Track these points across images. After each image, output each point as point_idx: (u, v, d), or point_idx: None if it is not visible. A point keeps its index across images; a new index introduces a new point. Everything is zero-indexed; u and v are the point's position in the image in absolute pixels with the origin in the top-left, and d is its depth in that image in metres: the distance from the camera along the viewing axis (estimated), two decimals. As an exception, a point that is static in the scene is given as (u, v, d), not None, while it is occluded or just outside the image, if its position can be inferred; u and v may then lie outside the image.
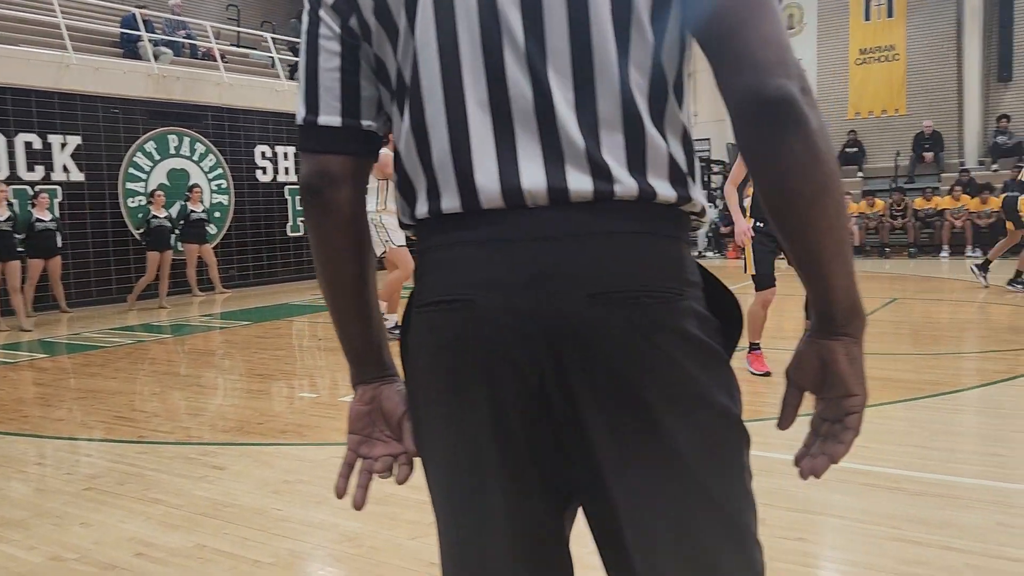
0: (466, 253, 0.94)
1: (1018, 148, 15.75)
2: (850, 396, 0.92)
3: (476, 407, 0.94)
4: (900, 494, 3.13)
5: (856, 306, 0.93)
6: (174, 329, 9.05)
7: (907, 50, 17.35)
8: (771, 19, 0.87)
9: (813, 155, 0.85)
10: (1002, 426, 4.10)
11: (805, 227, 0.88)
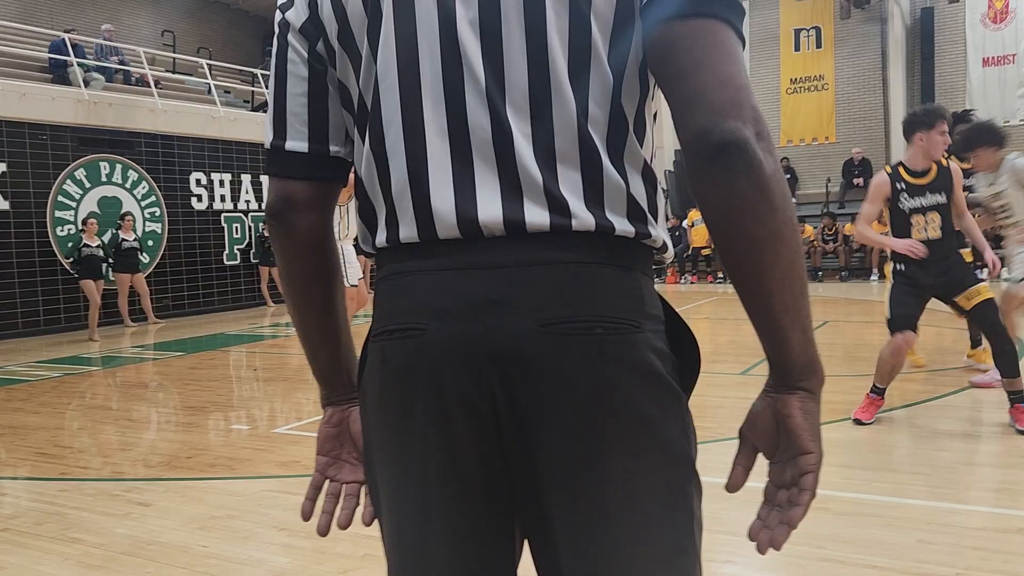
0: (421, 282, 0.93)
1: (941, 174, 16.38)
2: (804, 454, 0.89)
3: (426, 442, 0.93)
4: (826, 514, 3.19)
5: (813, 360, 0.90)
6: (104, 361, 8.78)
7: (835, 80, 17.98)
8: (729, 61, 0.86)
9: (767, 200, 0.83)
10: (925, 445, 4.22)
11: (758, 275, 0.86)
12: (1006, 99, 16.39)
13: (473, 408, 0.90)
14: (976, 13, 16.47)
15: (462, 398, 0.90)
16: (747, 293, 0.88)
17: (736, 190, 0.83)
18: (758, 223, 0.84)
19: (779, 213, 0.84)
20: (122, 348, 9.75)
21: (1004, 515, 3.11)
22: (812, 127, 18.37)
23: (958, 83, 16.82)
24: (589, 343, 0.88)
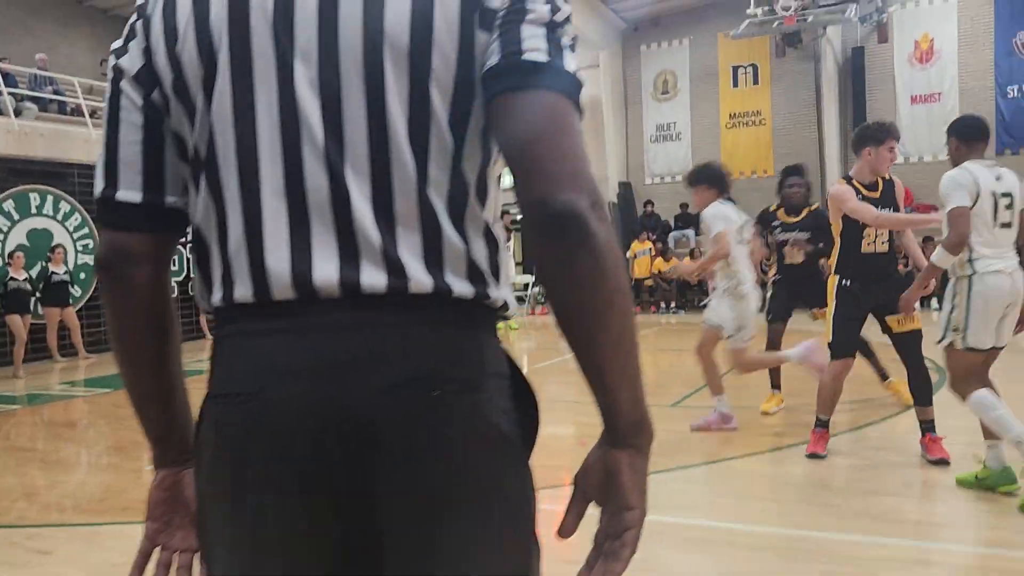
0: (255, 344, 0.92)
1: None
2: (629, 509, 0.91)
3: (261, 512, 0.90)
4: (733, 548, 3.23)
5: (642, 420, 0.93)
6: (29, 399, 8.50)
7: (772, 115, 18.48)
8: (566, 133, 0.88)
9: (600, 270, 0.86)
10: (837, 476, 4.30)
11: (590, 341, 0.89)
12: (934, 135, 16.98)
13: (310, 476, 0.88)
14: (904, 53, 17.12)
15: (298, 466, 0.88)
16: (580, 356, 0.90)
17: (571, 260, 0.86)
18: (591, 292, 0.87)
19: (611, 282, 0.87)
20: (49, 385, 9.45)
21: (907, 547, 3.17)
22: (751, 161, 18.80)
23: (888, 119, 17.38)
24: (429, 405, 0.88)
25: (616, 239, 0.89)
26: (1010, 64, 16.33)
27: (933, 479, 4.10)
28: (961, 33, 16.71)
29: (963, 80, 16.72)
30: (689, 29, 19.18)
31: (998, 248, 3.72)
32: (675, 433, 5.31)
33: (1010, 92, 16.39)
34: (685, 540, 3.32)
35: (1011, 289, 3.70)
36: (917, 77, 17.08)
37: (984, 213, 3.69)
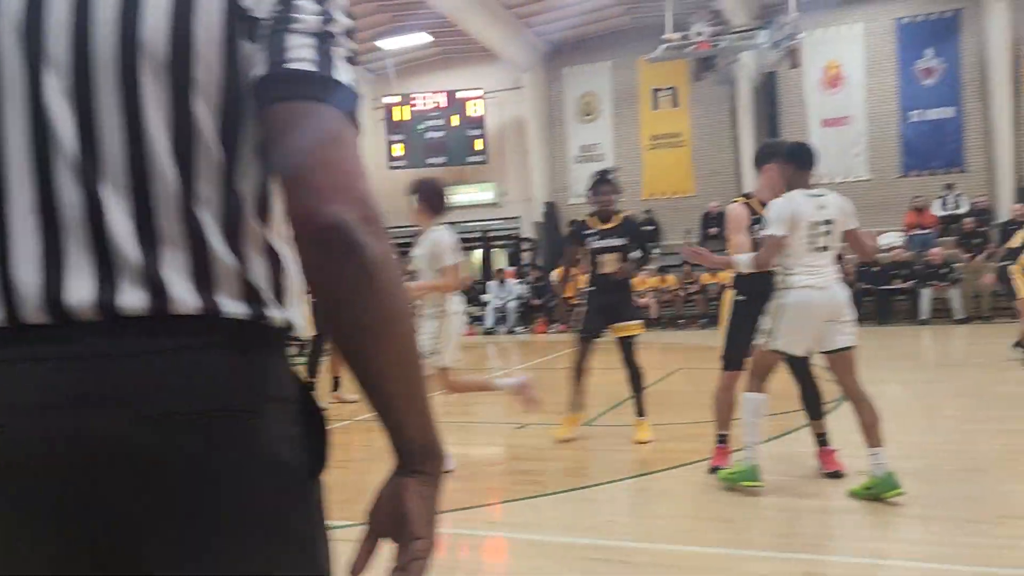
0: (1, 372, 0.84)
1: (789, 226, 17.41)
2: (415, 539, 0.88)
3: (4, 562, 0.83)
4: (628, 567, 3.23)
5: (431, 445, 0.91)
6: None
7: (691, 137, 18.93)
8: (337, 144, 0.86)
9: (372, 285, 0.83)
10: (738, 492, 4.35)
11: (368, 361, 0.86)
12: (844, 158, 17.65)
13: (64, 520, 0.82)
14: (813, 78, 17.77)
15: (50, 509, 0.82)
16: (360, 378, 0.87)
17: (340, 275, 0.83)
18: (364, 309, 0.84)
19: (386, 298, 0.85)
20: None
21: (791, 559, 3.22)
22: (672, 182, 19.20)
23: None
24: (196, 434, 0.83)
25: (392, 255, 0.86)
26: (912, 90, 17.11)
27: (828, 492, 4.18)
28: (867, 60, 17.45)
29: (870, 104, 17.44)
30: (610, 52, 19.56)
31: (813, 268, 4.05)
32: (583, 452, 5.32)
33: (912, 116, 17.15)
34: (579, 559, 3.30)
35: (827, 301, 4.04)
36: (827, 101, 17.74)
37: (801, 240, 4.02)
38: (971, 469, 4.49)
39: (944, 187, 16.43)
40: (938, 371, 9.13)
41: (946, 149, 16.94)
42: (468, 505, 4.20)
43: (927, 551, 3.26)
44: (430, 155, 20.08)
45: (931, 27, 16.96)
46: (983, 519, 3.59)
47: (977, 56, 16.64)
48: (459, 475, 5.01)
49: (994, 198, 16.33)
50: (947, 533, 3.43)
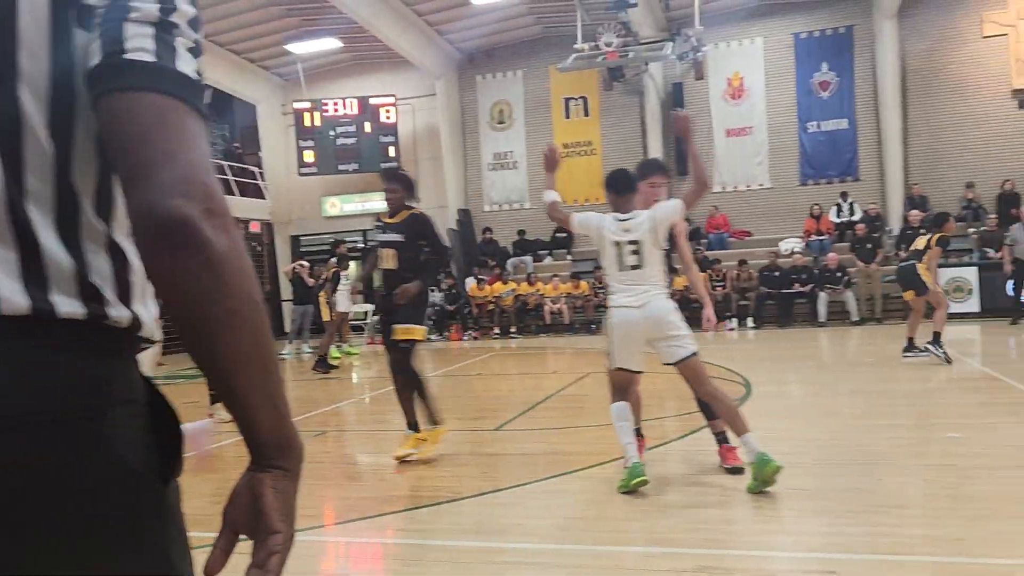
0: None
1: (696, 233, 17.93)
2: (273, 533, 0.87)
3: None
4: (537, 568, 3.27)
5: (287, 439, 0.89)
6: None
7: (602, 145, 19.29)
8: (178, 136, 0.83)
9: (218, 280, 0.82)
10: (645, 491, 4.47)
11: (217, 355, 0.84)
12: (747, 167, 18.31)
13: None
14: (718, 89, 18.37)
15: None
16: (211, 374, 0.85)
17: (183, 270, 0.81)
18: (211, 303, 0.82)
19: (234, 291, 0.83)
20: None
21: (689, 555, 3.33)
22: (584, 189, 19.47)
23: (707, 151, 18.56)
24: (23, 440, 0.78)
25: (242, 248, 0.84)
26: (809, 102, 17.89)
27: (728, 488, 4.34)
28: (767, 73, 18.15)
29: (771, 116, 18.14)
30: (522, 61, 19.76)
31: (627, 286, 4.30)
32: (494, 457, 5.36)
33: (810, 127, 17.93)
34: (489, 564, 3.33)
35: (640, 319, 4.26)
36: (731, 112, 18.37)
37: (611, 260, 4.32)
38: (861, 462, 4.73)
39: (839, 195, 17.23)
40: (834, 371, 9.56)
41: (841, 159, 17.77)
42: (378, 512, 4.18)
43: (818, 542, 3.42)
44: (342, 161, 19.85)
45: (826, 42, 17.77)
46: (870, 509, 3.78)
47: (869, 71, 17.53)
48: (369, 483, 4.98)
49: (885, 206, 17.21)
50: (837, 524, 3.60)
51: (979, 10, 16.88)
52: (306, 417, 7.61)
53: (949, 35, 17.08)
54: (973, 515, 3.59)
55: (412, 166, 20.33)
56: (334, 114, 19.70)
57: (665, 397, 8.07)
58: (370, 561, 3.61)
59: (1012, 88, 16.71)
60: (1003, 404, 6.36)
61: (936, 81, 17.15)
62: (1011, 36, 16.67)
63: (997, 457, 4.62)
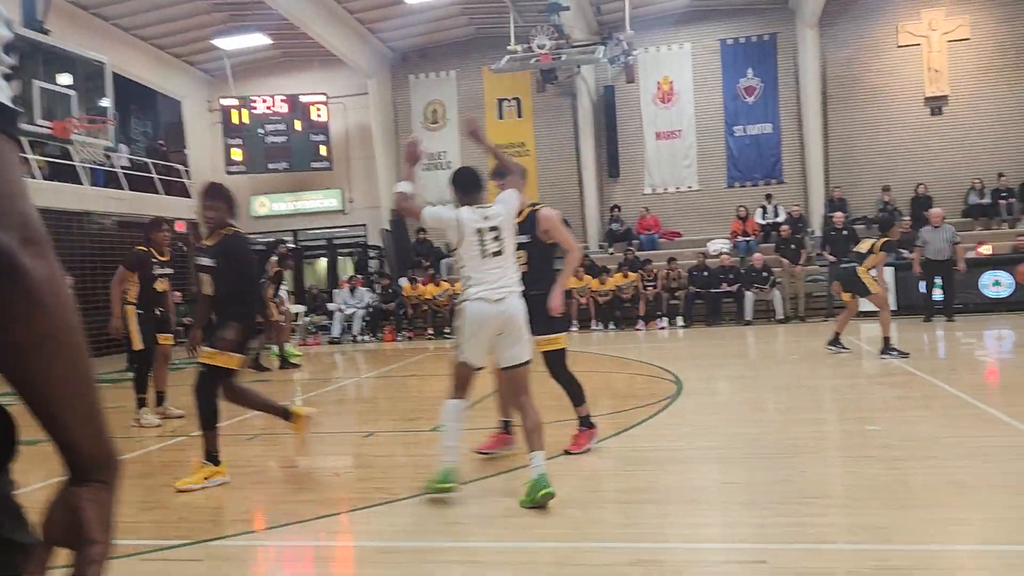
0: None
1: (628, 234, 18.22)
2: (91, 544, 0.88)
3: None
4: (475, 566, 3.30)
5: (106, 455, 0.91)
6: None
7: (536, 147, 19.41)
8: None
9: (37, 306, 0.82)
10: (580, 487, 4.54)
11: (35, 379, 0.85)
12: (676, 169, 18.68)
13: None
14: (648, 93, 18.70)
15: None
16: (28, 397, 0.86)
17: (3, 301, 0.82)
18: (28, 329, 0.83)
19: (52, 317, 0.84)
20: None
21: (626, 549, 3.40)
22: (517, 190, 19.59)
23: (638, 154, 18.90)
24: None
25: (59, 275, 0.86)
26: (736, 107, 18.36)
27: (662, 483, 4.44)
28: (695, 77, 18.56)
29: (699, 119, 18.55)
30: (455, 61, 19.76)
31: (488, 276, 4.23)
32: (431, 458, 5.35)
33: (736, 131, 18.41)
34: (426, 563, 3.34)
35: (495, 315, 4.20)
36: (660, 115, 18.71)
37: (473, 249, 4.24)
38: (787, 455, 4.90)
39: (764, 197, 17.74)
40: (760, 367, 9.84)
41: (766, 162, 18.30)
42: (316, 516, 4.14)
43: (748, 532, 3.53)
44: (272, 160, 19.50)
45: (751, 49, 18.28)
46: (796, 500, 3.93)
47: (792, 77, 18.09)
48: (306, 487, 4.92)
49: (807, 207, 17.79)
50: (765, 515, 3.73)
51: (895, 21, 17.61)
52: (239, 421, 7.46)
53: (867, 44, 17.77)
54: (893, 504, 3.76)
55: (344, 165, 20.13)
56: (263, 112, 19.34)
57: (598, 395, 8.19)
58: (307, 565, 3.58)
59: (925, 96, 17.48)
60: (918, 398, 6.66)
61: (855, 88, 17.82)
62: (924, 46, 17.44)
63: (913, 448, 4.85)
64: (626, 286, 15.97)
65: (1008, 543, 3.21)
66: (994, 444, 4.83)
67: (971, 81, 17.30)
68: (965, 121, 17.34)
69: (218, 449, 4.89)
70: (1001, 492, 3.89)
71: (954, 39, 17.29)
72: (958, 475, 4.21)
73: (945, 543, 3.31)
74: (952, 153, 17.38)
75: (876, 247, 9.15)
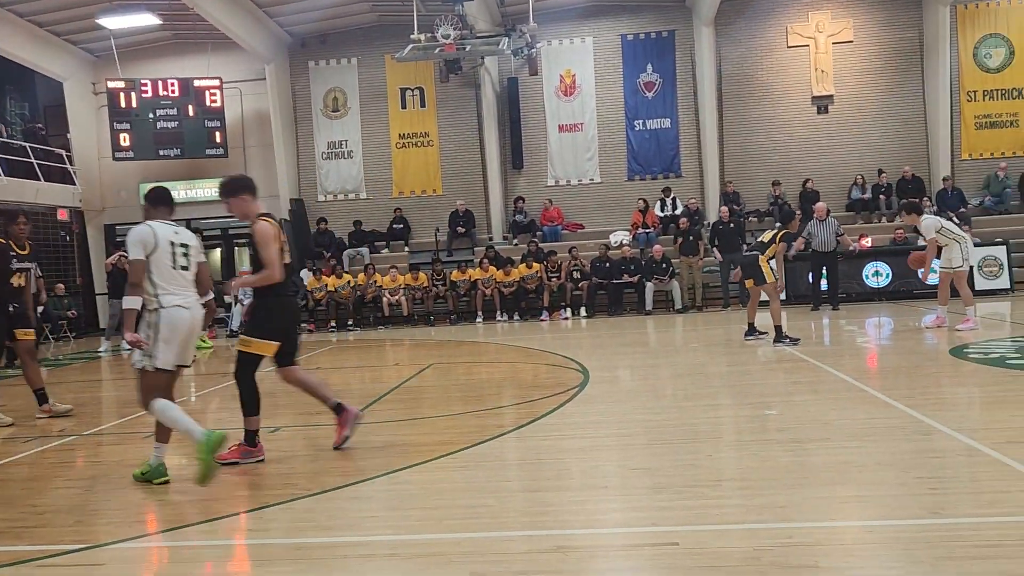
0: None
1: (531, 225, 18.37)
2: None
3: None
4: (395, 560, 3.27)
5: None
6: None
7: (439, 137, 19.32)
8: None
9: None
10: (494, 477, 4.57)
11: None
12: (578, 162, 18.96)
13: None
14: (551, 85, 18.88)
15: None
16: None
17: None
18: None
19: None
20: None
21: (544, 536, 3.45)
22: (421, 180, 19.47)
23: (540, 146, 19.07)
24: None
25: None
26: (636, 101, 18.77)
27: (569, 473, 4.51)
28: (597, 71, 18.86)
29: (600, 113, 18.87)
30: (357, 48, 19.42)
31: (178, 286, 4.70)
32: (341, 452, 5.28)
33: (637, 125, 18.83)
34: (344, 558, 3.29)
35: (189, 320, 4.71)
36: (563, 108, 18.94)
37: (165, 260, 4.64)
38: (691, 440, 5.06)
39: (663, 191, 18.22)
40: (662, 356, 10.13)
41: (665, 156, 18.80)
42: (224, 514, 4.02)
43: (660, 515, 3.64)
44: (163, 146, 18.70)
45: (651, 45, 18.71)
46: (703, 483, 4.07)
47: (689, 74, 18.63)
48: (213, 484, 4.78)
49: (704, 201, 18.38)
50: (675, 498, 3.84)
51: (785, 22, 18.37)
52: (132, 419, 7.15)
53: (759, 44, 18.47)
54: (793, 484, 3.94)
55: (240, 153, 19.48)
56: (153, 95, 18.50)
57: (506, 385, 8.25)
58: (219, 564, 3.46)
59: (812, 95, 18.33)
60: (809, 383, 7.00)
61: (748, 86, 18.50)
62: (812, 47, 18.28)
63: (808, 431, 5.09)
64: (530, 277, 16.11)
65: (900, 518, 3.42)
66: (880, 425, 5.13)
67: (854, 82, 18.24)
68: (849, 120, 18.29)
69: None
70: (889, 470, 4.13)
71: (839, 41, 18.19)
72: (850, 455, 4.45)
73: (843, 520, 3.50)
74: (837, 150, 18.30)
75: (777, 237, 9.65)
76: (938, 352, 8.52)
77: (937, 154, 17.76)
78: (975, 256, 13.11)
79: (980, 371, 7.10)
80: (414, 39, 15.83)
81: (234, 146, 19.28)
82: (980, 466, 4.13)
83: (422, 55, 16.25)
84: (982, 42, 17.92)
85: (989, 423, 5.11)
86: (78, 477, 5.17)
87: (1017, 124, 17.93)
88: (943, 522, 3.31)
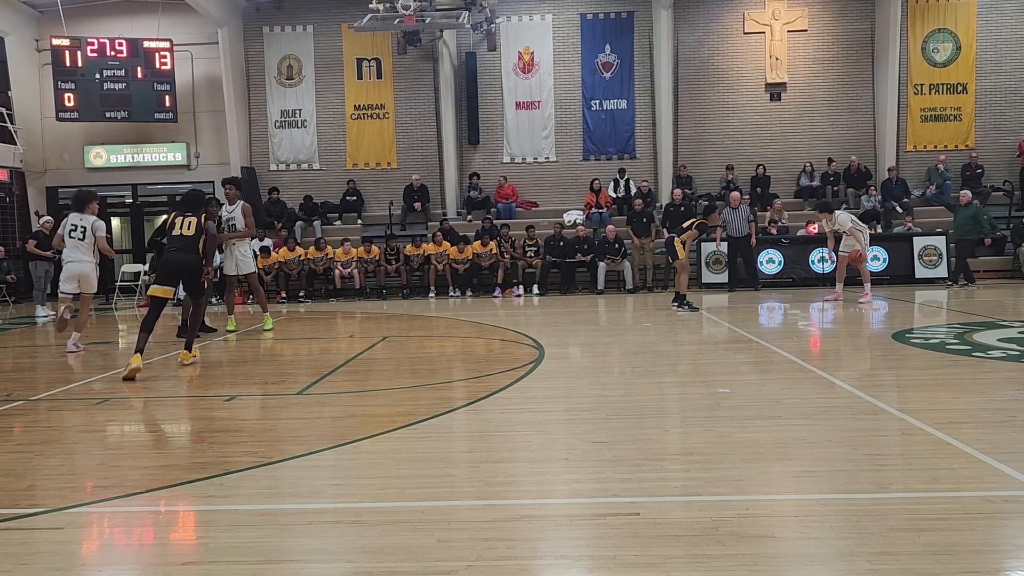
0: None
1: (486, 202, 18.35)
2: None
3: None
4: (361, 527, 3.30)
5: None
6: None
7: (395, 110, 19.12)
8: None
9: None
10: (455, 448, 4.62)
11: None
12: (535, 139, 18.96)
13: None
14: (509, 62, 18.82)
15: None
16: None
17: None
18: None
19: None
20: None
21: (509, 505, 3.51)
22: (376, 153, 19.27)
23: (497, 122, 19.01)
24: None
25: None
26: (593, 81, 18.83)
27: (532, 444, 4.59)
28: (555, 50, 18.85)
29: (558, 91, 18.88)
30: (313, 15, 19.06)
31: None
32: (301, 421, 5.26)
33: (593, 105, 18.89)
34: (309, 524, 3.31)
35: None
36: (521, 85, 18.90)
37: None
38: (649, 415, 5.18)
39: (617, 171, 18.36)
40: (615, 334, 10.26)
41: (620, 137, 18.93)
42: (185, 480, 3.99)
43: (620, 487, 3.72)
44: (109, 108, 18.15)
45: (610, 25, 18.76)
46: (661, 457, 4.18)
47: (647, 56, 18.73)
48: (170, 451, 4.73)
49: (657, 183, 18.58)
50: (634, 471, 3.94)
51: (742, 8, 18.57)
52: (82, 384, 7.00)
53: (716, 29, 18.66)
54: (748, 459, 4.07)
55: (190, 118, 19.03)
56: (100, 55, 17.91)
57: (461, 360, 8.29)
58: (183, 530, 3.44)
59: (766, 82, 18.61)
60: (759, 363, 7.19)
61: (704, 70, 18.69)
62: (767, 34, 18.52)
63: (760, 408, 5.25)
64: (485, 255, 16.13)
65: (851, 492, 3.56)
66: (829, 404, 5.31)
67: (807, 71, 18.57)
68: (801, 108, 18.63)
69: None
70: (839, 446, 4.29)
71: (793, 29, 18.48)
72: (802, 432, 4.60)
73: (797, 493, 3.63)
74: (789, 137, 18.65)
75: (693, 225, 11.46)
76: (881, 336, 8.81)
77: (884, 145, 18.23)
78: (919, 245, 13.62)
79: (922, 355, 7.38)
80: (373, 8, 15.60)
81: (184, 111, 18.81)
82: (924, 444, 4.31)
83: (380, 25, 16.03)
84: (931, 36, 18.40)
85: (932, 404, 5.33)
86: (28, 442, 5.06)
87: (960, 118, 18.49)
88: (892, 496, 3.46)
